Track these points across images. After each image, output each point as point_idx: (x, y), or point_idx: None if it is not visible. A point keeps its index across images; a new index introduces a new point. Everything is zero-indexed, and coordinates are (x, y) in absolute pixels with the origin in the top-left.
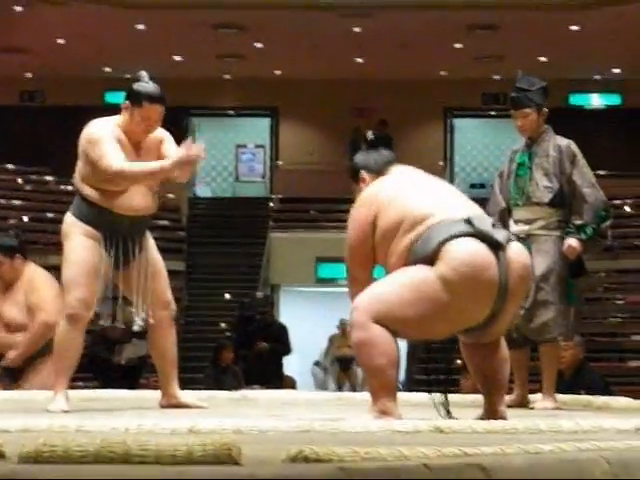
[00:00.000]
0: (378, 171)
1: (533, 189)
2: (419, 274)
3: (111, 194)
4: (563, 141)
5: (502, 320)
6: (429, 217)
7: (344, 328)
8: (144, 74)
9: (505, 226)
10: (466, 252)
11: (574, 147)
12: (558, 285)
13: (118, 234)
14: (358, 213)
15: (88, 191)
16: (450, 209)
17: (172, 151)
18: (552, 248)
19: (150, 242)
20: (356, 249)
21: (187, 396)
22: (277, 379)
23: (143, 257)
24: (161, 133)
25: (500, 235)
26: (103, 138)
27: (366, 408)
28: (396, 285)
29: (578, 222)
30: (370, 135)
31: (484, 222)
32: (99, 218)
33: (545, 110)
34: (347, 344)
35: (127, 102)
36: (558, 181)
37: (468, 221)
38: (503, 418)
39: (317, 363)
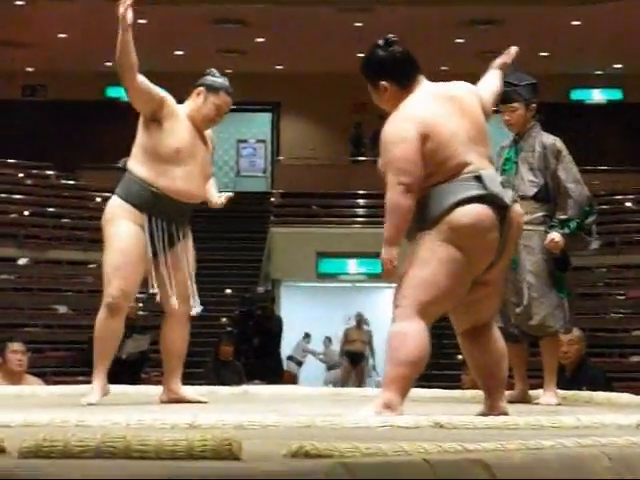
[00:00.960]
0: (403, 85)
1: (518, 183)
2: (435, 248)
3: (164, 175)
4: (549, 138)
5: (494, 270)
6: (448, 162)
7: (360, 320)
8: (215, 70)
9: None
10: (471, 219)
11: (559, 144)
12: (549, 280)
13: (163, 218)
14: (402, 129)
15: (141, 171)
16: (468, 157)
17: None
18: (539, 243)
19: (189, 236)
20: (406, 166)
21: (188, 391)
22: (274, 374)
23: (182, 247)
24: (212, 136)
25: (508, 196)
26: (159, 90)
27: (366, 404)
28: (424, 269)
29: (562, 217)
30: (391, 36)
31: (495, 182)
32: (147, 199)
33: (533, 106)
34: (362, 338)
35: (202, 88)
36: (543, 176)
37: (480, 179)
38: (504, 414)
39: (290, 358)
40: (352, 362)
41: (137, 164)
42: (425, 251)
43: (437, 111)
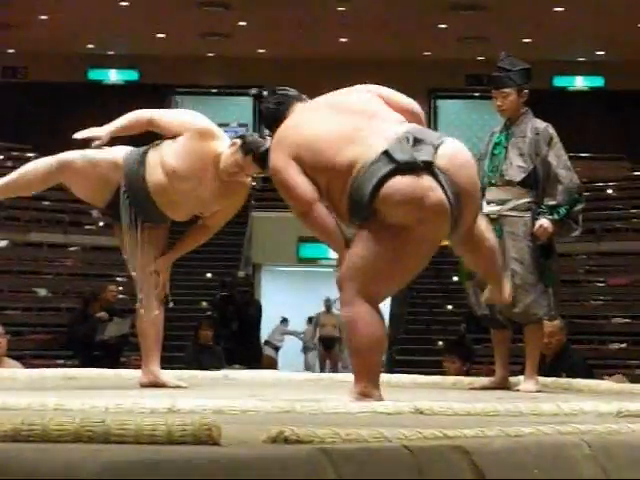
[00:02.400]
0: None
1: (507, 167)
2: (377, 231)
3: (164, 183)
4: (541, 124)
5: (465, 219)
6: (351, 165)
7: (329, 305)
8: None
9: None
10: (399, 191)
11: (551, 130)
12: (534, 267)
13: (143, 211)
14: (273, 159)
15: (151, 162)
16: (366, 141)
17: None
18: (524, 230)
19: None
20: (294, 193)
21: (167, 375)
22: (254, 359)
23: (162, 231)
24: (246, 178)
25: (424, 153)
26: (195, 116)
27: (347, 389)
28: (369, 250)
29: (551, 203)
30: (253, 91)
31: (403, 148)
32: (140, 200)
33: (525, 92)
34: (332, 322)
35: (240, 141)
36: (532, 162)
37: (387, 154)
38: (506, 291)
39: (267, 342)
40: (325, 346)
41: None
42: (366, 234)
43: (302, 124)
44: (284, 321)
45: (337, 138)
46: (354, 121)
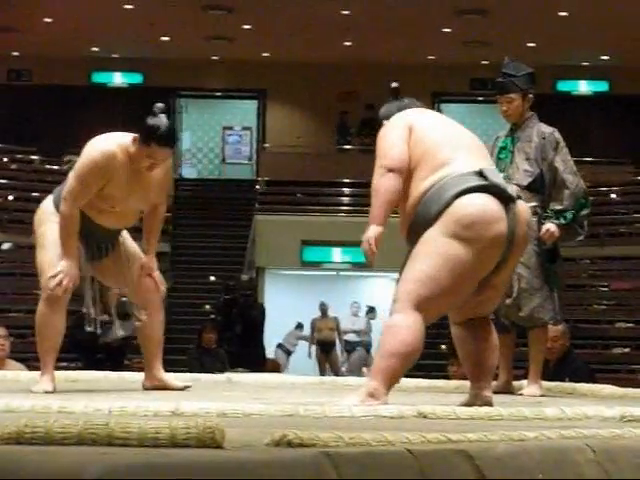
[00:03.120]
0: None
1: (513, 172)
2: (438, 243)
3: (101, 211)
4: (547, 128)
5: (504, 272)
6: (445, 165)
7: (324, 309)
8: (160, 106)
9: None
10: (476, 208)
11: (558, 135)
12: (539, 271)
13: (94, 237)
14: (392, 125)
15: (85, 206)
16: (467, 159)
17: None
18: (530, 234)
19: (123, 234)
20: (388, 150)
21: (170, 378)
22: (257, 362)
23: (117, 249)
24: (169, 174)
25: (511, 189)
26: (88, 175)
27: (348, 393)
28: (424, 264)
29: (557, 207)
30: (394, 84)
31: (497, 176)
32: (80, 221)
33: (530, 96)
34: (329, 326)
35: (137, 135)
36: (539, 166)
37: (481, 173)
38: (488, 404)
39: (280, 345)
40: (323, 351)
41: None
42: (428, 246)
43: (430, 114)
44: (299, 326)
45: (446, 142)
46: (469, 142)
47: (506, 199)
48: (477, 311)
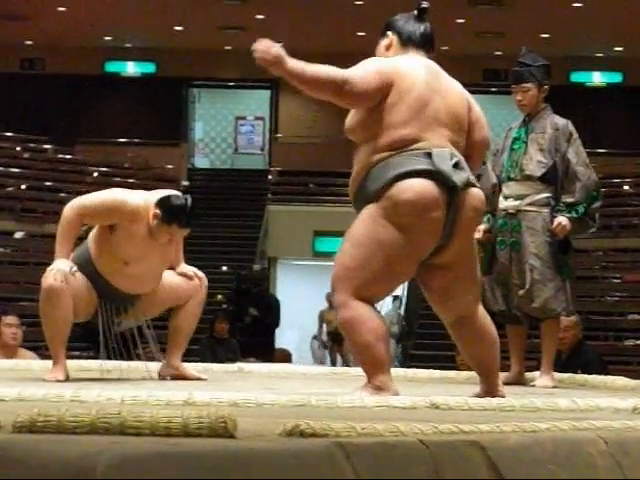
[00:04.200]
0: (405, 43)
1: (527, 162)
2: (372, 226)
3: (114, 269)
4: (561, 120)
5: (448, 254)
6: (403, 143)
7: (331, 299)
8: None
9: (494, 202)
10: (412, 194)
11: (571, 126)
12: (551, 262)
13: (113, 298)
14: (378, 64)
15: (97, 260)
16: (429, 139)
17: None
18: (542, 225)
19: None
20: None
21: (188, 368)
22: (267, 351)
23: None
24: (181, 237)
25: (458, 177)
26: (107, 205)
27: (361, 383)
28: (360, 249)
29: (569, 200)
30: (425, 4)
31: (445, 161)
32: (98, 283)
33: (545, 87)
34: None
35: (159, 212)
36: (552, 158)
37: (429, 156)
38: (500, 397)
39: (315, 337)
40: (334, 341)
41: (95, 249)
42: (363, 228)
43: (419, 76)
44: None
45: (420, 112)
46: (443, 114)
47: (449, 187)
48: (454, 306)
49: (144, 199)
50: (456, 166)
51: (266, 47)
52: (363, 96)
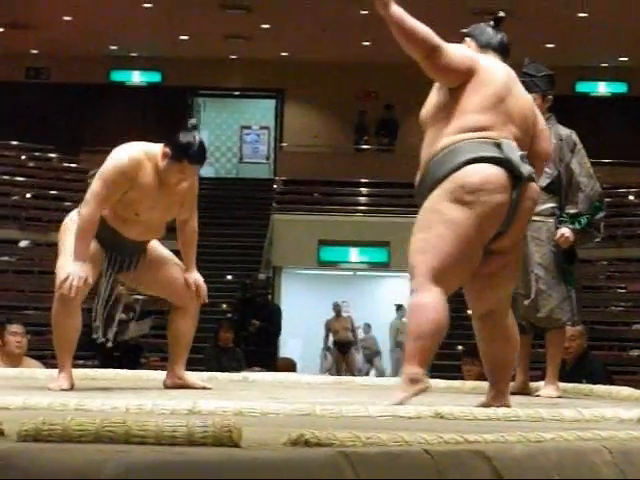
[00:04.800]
0: (483, 48)
1: None
2: (440, 208)
3: (125, 220)
4: (565, 130)
5: (504, 240)
6: (472, 129)
7: (338, 310)
8: (192, 122)
9: None
10: (481, 176)
11: (575, 137)
12: (557, 272)
13: (119, 251)
14: (468, 51)
15: (109, 215)
16: (498, 129)
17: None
18: (547, 235)
19: (151, 244)
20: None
21: (192, 377)
22: (269, 360)
23: (145, 259)
24: (193, 188)
25: (524, 168)
26: (113, 179)
27: (365, 392)
28: (430, 231)
29: (572, 211)
30: (501, 13)
31: (514, 151)
32: (105, 233)
33: (549, 97)
34: (344, 326)
35: (168, 150)
36: (556, 168)
37: (499, 146)
38: (506, 406)
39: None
40: (340, 351)
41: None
42: (430, 213)
43: (498, 74)
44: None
45: (496, 106)
46: (514, 115)
47: (516, 176)
48: (491, 296)
49: (144, 150)
50: (522, 158)
51: None
52: (445, 69)
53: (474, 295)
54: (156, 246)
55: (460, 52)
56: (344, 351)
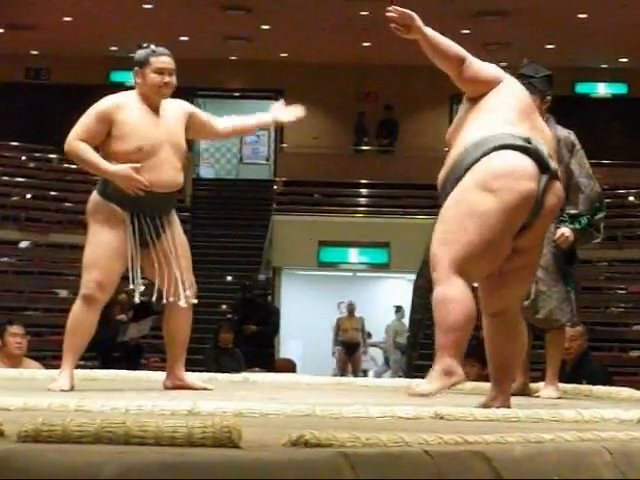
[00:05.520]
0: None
1: None
2: (464, 197)
3: (136, 170)
4: (564, 131)
5: (527, 237)
6: (501, 126)
7: (351, 309)
8: (143, 46)
9: None
10: (509, 163)
11: (574, 137)
12: (557, 273)
13: (145, 211)
14: (494, 66)
15: (114, 165)
16: (525, 130)
17: (205, 117)
18: (547, 236)
19: (176, 222)
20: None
21: (192, 378)
22: (267, 360)
23: (169, 237)
24: (187, 106)
25: (552, 163)
26: (92, 112)
27: (366, 393)
28: (453, 222)
29: (572, 211)
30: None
31: (542, 146)
32: (124, 196)
33: (548, 98)
34: (354, 326)
35: (136, 66)
36: None
37: (528, 140)
38: (506, 407)
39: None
40: (347, 351)
41: (110, 162)
42: (453, 203)
43: (524, 92)
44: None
45: (518, 112)
46: (534, 128)
47: (544, 168)
48: (506, 295)
49: (122, 93)
50: (549, 156)
51: (402, 11)
52: (472, 78)
53: (489, 292)
54: (176, 230)
55: (487, 64)
56: (351, 351)
